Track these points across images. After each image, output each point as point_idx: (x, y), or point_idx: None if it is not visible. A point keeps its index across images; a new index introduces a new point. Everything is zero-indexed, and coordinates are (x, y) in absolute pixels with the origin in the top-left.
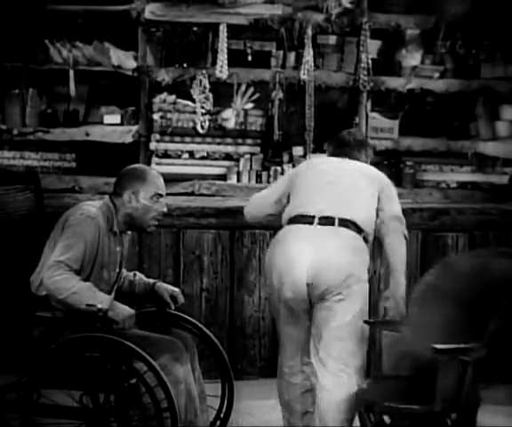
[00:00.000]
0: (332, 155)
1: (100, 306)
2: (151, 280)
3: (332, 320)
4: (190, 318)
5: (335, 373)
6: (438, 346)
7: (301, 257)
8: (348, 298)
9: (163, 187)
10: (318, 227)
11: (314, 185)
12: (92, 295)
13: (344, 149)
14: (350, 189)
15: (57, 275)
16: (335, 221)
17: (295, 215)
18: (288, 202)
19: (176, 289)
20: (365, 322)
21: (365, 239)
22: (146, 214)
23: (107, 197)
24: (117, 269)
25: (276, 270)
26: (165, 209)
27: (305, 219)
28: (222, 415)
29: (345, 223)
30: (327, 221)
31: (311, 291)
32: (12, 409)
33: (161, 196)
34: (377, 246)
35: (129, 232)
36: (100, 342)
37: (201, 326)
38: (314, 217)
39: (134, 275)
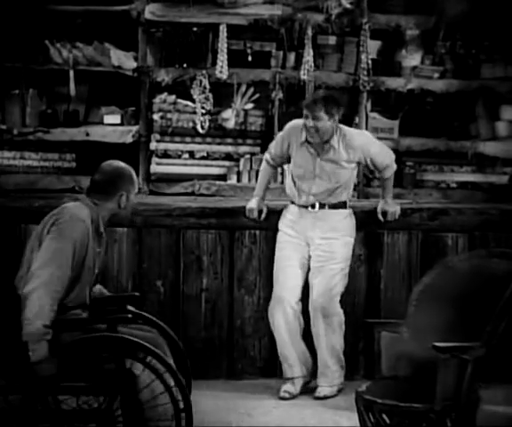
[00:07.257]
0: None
1: (30, 353)
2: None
3: None
4: (150, 316)
5: None
6: (439, 344)
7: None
8: None
9: None
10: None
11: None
12: (35, 345)
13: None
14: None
15: (41, 302)
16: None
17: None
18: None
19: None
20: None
21: None
22: (129, 211)
23: (84, 197)
24: (96, 271)
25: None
26: None
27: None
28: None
29: None
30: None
31: None
32: (15, 412)
33: None
34: (376, 244)
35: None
36: (115, 343)
37: (158, 321)
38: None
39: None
